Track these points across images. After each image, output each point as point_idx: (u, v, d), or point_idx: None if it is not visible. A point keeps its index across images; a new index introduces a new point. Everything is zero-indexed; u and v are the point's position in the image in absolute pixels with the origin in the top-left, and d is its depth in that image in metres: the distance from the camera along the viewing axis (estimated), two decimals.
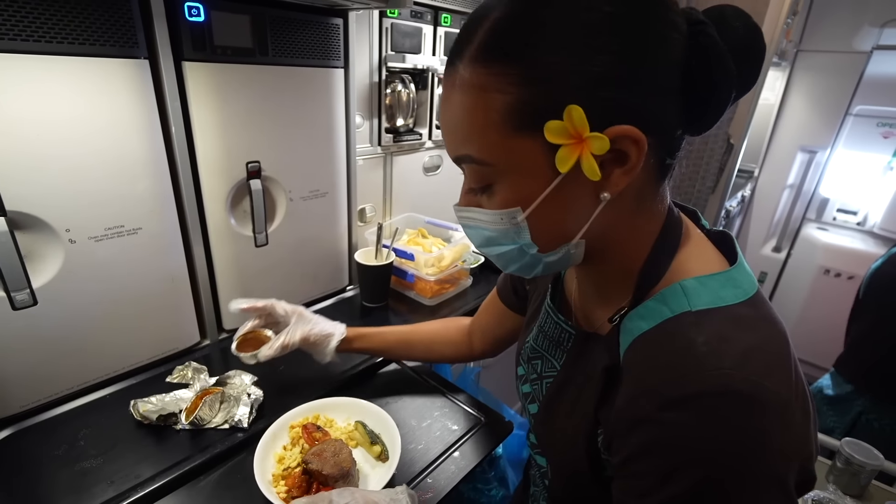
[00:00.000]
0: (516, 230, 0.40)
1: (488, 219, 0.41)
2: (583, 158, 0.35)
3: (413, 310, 1.20)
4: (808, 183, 2.84)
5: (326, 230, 1.15)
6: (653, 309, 0.41)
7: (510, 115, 0.36)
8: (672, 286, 0.40)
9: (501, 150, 0.38)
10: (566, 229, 0.40)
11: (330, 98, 1.04)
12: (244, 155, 0.93)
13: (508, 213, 0.40)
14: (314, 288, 1.18)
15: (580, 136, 0.35)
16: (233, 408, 0.80)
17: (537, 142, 0.36)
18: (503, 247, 0.43)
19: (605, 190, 0.38)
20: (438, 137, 1.47)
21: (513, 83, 0.35)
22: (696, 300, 0.39)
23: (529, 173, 0.38)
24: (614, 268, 0.45)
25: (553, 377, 0.53)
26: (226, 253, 0.97)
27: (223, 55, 0.84)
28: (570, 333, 0.52)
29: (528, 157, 0.37)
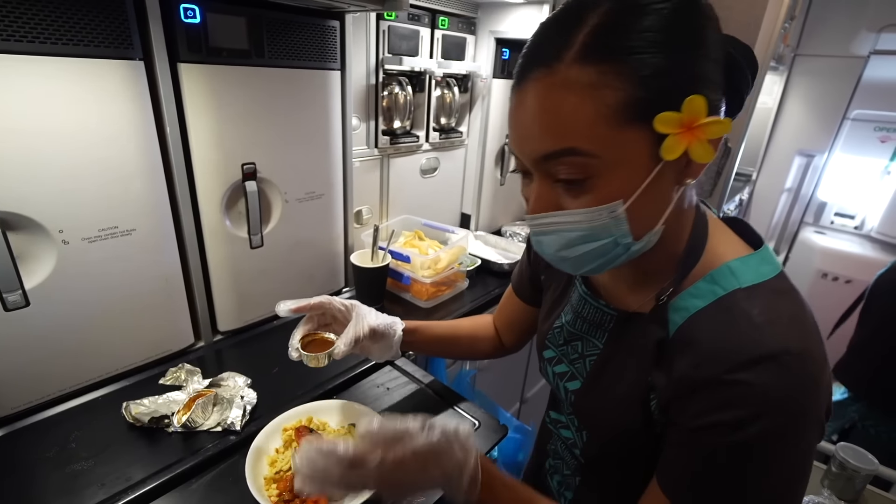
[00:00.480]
0: (615, 223, 0.43)
1: (584, 217, 0.43)
2: (695, 144, 0.40)
3: (409, 312, 1.20)
4: (806, 187, 2.85)
5: (322, 232, 1.15)
6: (705, 289, 0.46)
7: (621, 109, 0.39)
8: (720, 268, 0.46)
9: (608, 142, 0.40)
10: (655, 217, 0.44)
11: (326, 100, 1.04)
12: (239, 156, 0.92)
13: (609, 207, 0.42)
14: (310, 290, 1.17)
15: (690, 124, 0.39)
16: (226, 410, 0.80)
17: (644, 133, 0.40)
18: (594, 243, 0.44)
19: (689, 176, 0.43)
20: (436, 140, 1.47)
21: (625, 80, 0.38)
22: (743, 278, 0.45)
23: (632, 164, 0.41)
24: (661, 252, 0.48)
25: (597, 354, 0.57)
26: (221, 254, 0.96)
27: (219, 57, 0.84)
28: (612, 315, 0.56)
29: (634, 147, 0.40)
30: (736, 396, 0.40)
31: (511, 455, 1.26)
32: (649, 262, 0.49)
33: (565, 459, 0.68)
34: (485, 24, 1.46)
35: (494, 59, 1.48)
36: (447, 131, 1.52)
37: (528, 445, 1.20)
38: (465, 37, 1.44)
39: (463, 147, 1.61)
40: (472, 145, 1.61)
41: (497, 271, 1.45)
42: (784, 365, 0.39)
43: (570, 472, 0.67)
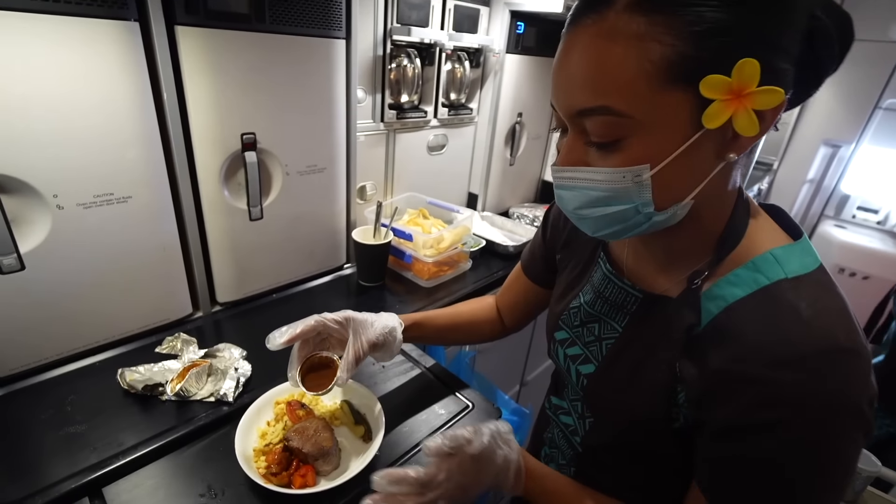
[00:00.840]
0: (638, 188, 0.40)
1: (606, 177, 0.41)
2: (741, 114, 0.36)
3: (409, 291, 1.19)
4: (829, 178, 2.75)
5: (324, 206, 1.13)
6: (745, 277, 0.43)
7: (665, 67, 0.36)
8: (764, 255, 0.43)
9: (646, 103, 0.37)
10: (684, 189, 0.40)
11: (330, 70, 1.01)
12: (239, 126, 0.90)
13: (633, 170, 0.39)
14: (310, 265, 1.17)
15: (739, 91, 0.35)
16: (219, 381, 0.80)
17: (687, 96, 0.36)
18: (614, 207, 0.42)
19: (733, 150, 0.39)
20: (444, 116, 1.43)
21: (675, 35, 0.35)
22: (788, 267, 0.42)
23: (668, 128, 0.38)
24: (697, 231, 0.46)
25: (615, 338, 0.54)
26: (219, 225, 0.95)
27: (218, 20, 0.81)
28: (637, 297, 0.53)
29: (673, 111, 0.37)
30: (785, 394, 0.38)
31: None
32: (681, 240, 0.47)
33: (562, 448, 0.67)
34: None
35: (508, 32, 1.43)
36: (456, 107, 1.48)
37: (525, 428, 1.19)
38: (479, 8, 1.38)
39: (472, 124, 1.57)
40: (483, 123, 1.57)
41: (502, 253, 1.43)
42: (835, 363, 0.38)
43: (566, 461, 0.66)
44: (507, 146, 1.66)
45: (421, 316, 0.80)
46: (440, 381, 0.90)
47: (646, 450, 0.52)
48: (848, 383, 0.38)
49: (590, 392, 0.57)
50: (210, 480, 0.67)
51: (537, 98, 1.67)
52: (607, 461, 0.59)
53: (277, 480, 0.65)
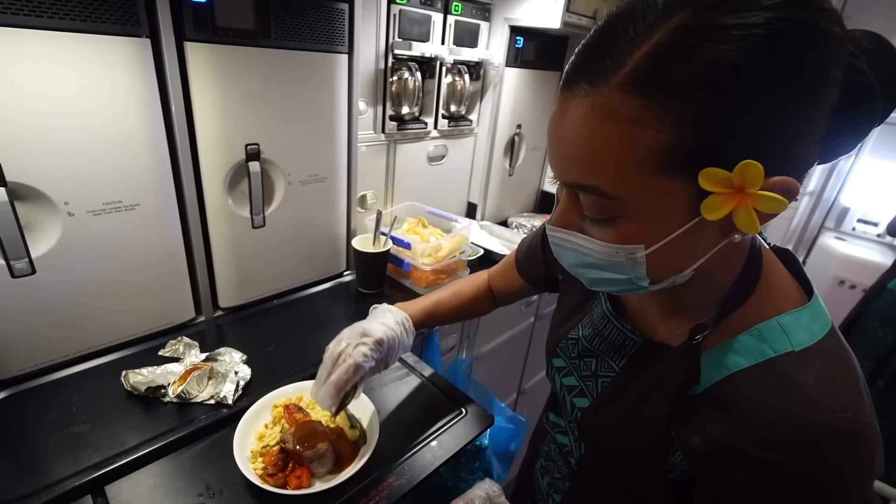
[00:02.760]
0: (632, 264, 0.39)
1: (600, 249, 0.39)
2: (741, 211, 0.34)
3: (407, 298, 1.20)
4: (829, 191, 2.76)
5: (325, 215, 1.16)
6: (750, 346, 0.41)
7: (661, 155, 0.33)
8: (769, 323, 0.41)
9: (638, 189, 0.35)
10: (683, 264, 0.39)
11: (332, 83, 1.04)
12: (243, 137, 0.94)
13: (627, 248, 0.38)
14: (311, 271, 1.19)
15: (741, 188, 0.33)
16: (220, 384, 0.82)
17: (683, 184, 0.34)
18: (606, 274, 0.41)
19: (738, 232, 0.36)
20: (444, 127, 1.46)
21: (673, 123, 0.32)
22: (796, 338, 0.40)
23: (664, 213, 0.36)
24: (704, 287, 0.44)
25: (611, 378, 0.54)
26: (223, 233, 0.98)
27: (225, 37, 0.85)
28: (636, 342, 0.52)
29: (668, 198, 0.35)
30: (787, 477, 0.37)
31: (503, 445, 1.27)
32: (687, 294, 0.45)
33: (557, 463, 0.67)
34: (500, 10, 1.44)
35: (508, 47, 1.46)
36: (456, 119, 1.51)
37: (520, 436, 1.21)
38: (479, 23, 1.42)
39: (472, 135, 1.60)
40: (482, 134, 1.60)
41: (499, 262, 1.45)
42: (842, 449, 0.36)
43: (561, 476, 0.66)
44: (507, 157, 1.69)
45: (430, 306, 0.81)
46: (435, 388, 0.92)
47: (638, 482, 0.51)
48: (853, 468, 0.36)
49: (583, 426, 0.57)
50: (208, 480, 0.69)
51: (536, 110, 1.70)
52: (601, 484, 0.59)
53: (274, 481, 0.67)
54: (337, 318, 1.10)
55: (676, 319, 0.48)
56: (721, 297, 0.44)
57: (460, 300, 0.86)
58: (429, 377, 0.94)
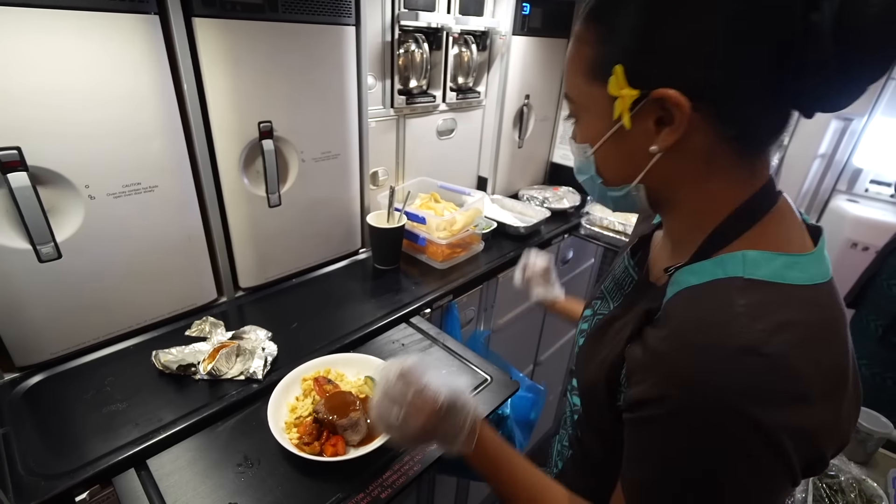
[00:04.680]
0: (588, 163, 0.49)
1: (574, 150, 0.51)
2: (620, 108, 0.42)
3: (424, 273, 1.22)
4: (841, 153, 2.71)
5: (339, 192, 1.16)
6: (707, 268, 0.43)
7: (590, 65, 0.44)
8: (734, 253, 0.42)
9: (582, 93, 0.46)
10: (625, 171, 0.46)
11: (341, 57, 1.03)
12: (256, 114, 0.93)
13: (582, 147, 0.49)
14: (327, 249, 1.20)
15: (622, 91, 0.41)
16: (248, 360, 0.84)
17: (605, 91, 0.43)
18: (583, 175, 0.51)
19: (655, 144, 0.42)
20: (452, 100, 1.44)
21: (596, 40, 0.43)
22: (754, 270, 0.40)
23: (598, 116, 0.45)
24: (683, 223, 0.48)
25: (604, 315, 0.58)
26: (240, 213, 0.98)
27: (233, 11, 0.83)
28: (633, 279, 0.57)
29: (598, 102, 0.44)
30: (668, 372, 0.38)
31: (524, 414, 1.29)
32: (676, 230, 0.50)
33: (566, 428, 0.68)
34: None
35: (514, 14, 1.43)
36: (464, 91, 1.49)
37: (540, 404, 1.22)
38: None
39: (480, 108, 1.58)
40: (490, 106, 1.58)
41: (513, 234, 1.45)
42: (736, 360, 0.35)
43: (567, 443, 0.67)
44: (516, 128, 1.67)
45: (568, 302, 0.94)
46: (458, 357, 0.93)
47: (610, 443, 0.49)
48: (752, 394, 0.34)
49: (576, 366, 0.60)
50: (245, 452, 0.71)
51: (544, 79, 1.67)
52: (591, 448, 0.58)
53: (310, 450, 0.68)
54: (355, 295, 1.11)
55: (673, 260, 0.50)
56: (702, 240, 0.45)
57: None
58: (452, 348, 0.95)
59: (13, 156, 0.68)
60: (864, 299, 1.62)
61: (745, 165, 0.43)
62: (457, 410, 0.53)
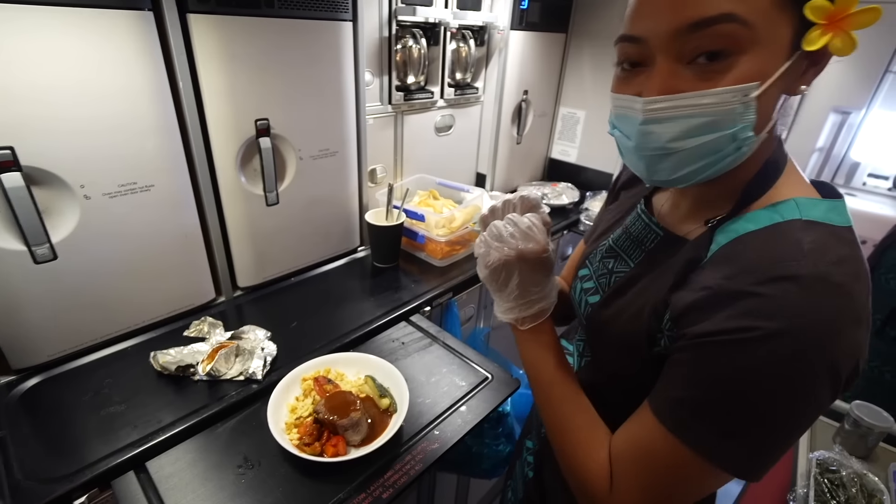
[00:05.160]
0: (744, 109, 0.40)
1: (714, 100, 0.40)
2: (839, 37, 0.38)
3: (424, 270, 1.21)
4: (839, 146, 2.71)
5: (337, 190, 1.15)
6: (763, 216, 0.44)
7: None
8: (787, 201, 0.44)
9: (765, 17, 0.39)
10: (769, 117, 0.42)
11: (338, 53, 1.02)
12: (253, 112, 0.92)
13: (743, 88, 0.40)
14: (326, 248, 1.19)
15: (837, 17, 0.37)
16: (247, 361, 0.83)
17: (794, 18, 0.39)
18: (710, 135, 0.42)
19: (804, 82, 0.41)
20: (450, 96, 1.43)
21: None
22: (808, 213, 0.43)
23: (776, 47, 0.40)
24: (729, 178, 0.46)
25: (625, 272, 0.56)
26: (238, 211, 0.98)
27: (228, 6, 0.82)
28: (658, 235, 0.55)
29: (782, 30, 0.39)
30: (752, 307, 0.39)
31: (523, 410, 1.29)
32: (715, 187, 0.47)
33: None
34: None
35: (513, 9, 1.42)
36: (462, 87, 1.48)
37: None
38: None
39: (479, 104, 1.57)
40: (489, 102, 1.57)
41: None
42: (814, 292, 0.38)
43: None
44: (514, 125, 1.66)
45: None
46: (459, 355, 0.92)
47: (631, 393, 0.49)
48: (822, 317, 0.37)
49: (591, 320, 0.59)
50: (246, 453, 0.70)
51: (542, 75, 1.66)
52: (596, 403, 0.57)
53: (310, 450, 0.68)
54: (354, 293, 1.10)
55: (699, 217, 0.50)
56: (741, 189, 0.46)
57: None
58: (452, 346, 0.95)
59: (6, 156, 0.67)
60: None
61: None
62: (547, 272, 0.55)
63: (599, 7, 1.62)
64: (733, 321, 0.39)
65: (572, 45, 1.72)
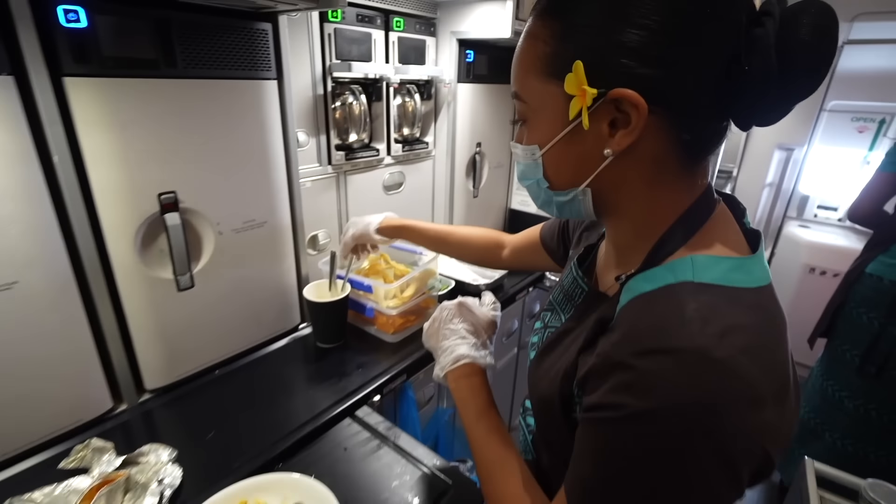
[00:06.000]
0: (535, 165, 0.47)
1: (520, 153, 0.48)
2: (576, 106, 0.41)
3: (374, 347, 1.06)
4: (787, 181, 2.80)
5: (268, 265, 1.01)
6: (659, 274, 0.42)
7: (545, 62, 0.42)
8: (683, 258, 0.42)
9: (535, 92, 0.44)
10: (574, 175, 0.45)
11: (261, 114, 0.91)
12: (156, 184, 0.78)
13: (530, 148, 0.46)
14: (258, 331, 1.03)
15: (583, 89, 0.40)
16: (139, 499, 0.65)
17: (560, 91, 0.41)
18: (528, 180, 0.49)
19: (609, 147, 0.42)
20: (398, 152, 1.34)
21: (552, 36, 0.41)
22: (703, 274, 0.40)
23: (551, 116, 0.43)
24: (629, 231, 0.48)
25: (555, 328, 0.56)
26: (140, 301, 0.82)
27: (116, 68, 0.70)
28: (583, 290, 0.55)
29: (552, 102, 0.43)
30: (626, 381, 0.37)
31: None
32: (621, 238, 0.50)
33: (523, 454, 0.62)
34: (445, 24, 1.35)
35: (458, 61, 1.37)
36: (411, 142, 1.39)
37: None
38: (425, 39, 1.32)
39: (430, 159, 1.48)
40: (440, 156, 1.49)
41: (473, 293, 1.32)
42: (690, 368, 0.35)
43: None
44: (469, 178, 1.58)
45: (411, 224, 1.01)
46: (412, 461, 0.77)
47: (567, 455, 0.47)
48: (705, 390, 0.34)
49: (529, 382, 0.58)
50: None
51: (495, 126, 1.61)
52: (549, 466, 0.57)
53: None
54: (291, 385, 0.94)
55: (620, 268, 0.49)
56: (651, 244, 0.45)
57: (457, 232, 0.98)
58: (405, 447, 0.79)
59: None
60: (836, 329, 1.59)
61: (690, 172, 0.44)
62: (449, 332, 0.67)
63: None
64: (609, 395, 0.38)
65: None
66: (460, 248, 0.98)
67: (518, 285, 1.42)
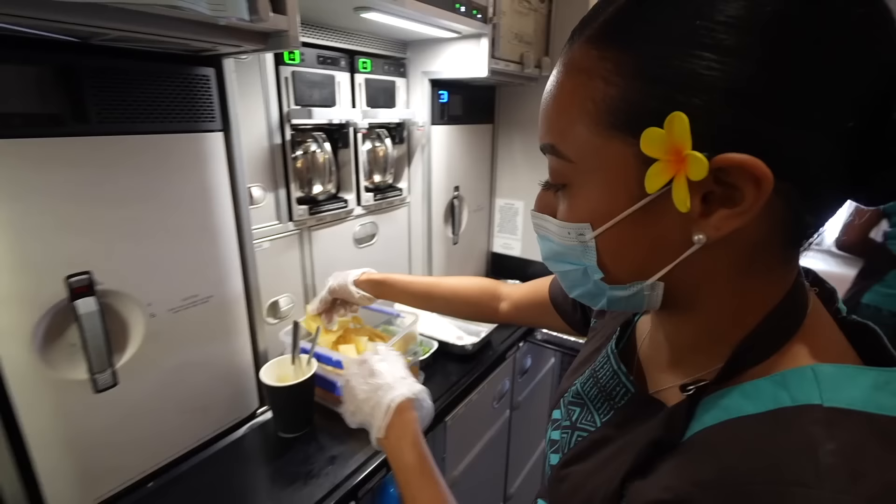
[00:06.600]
0: (583, 249, 0.35)
1: (555, 230, 0.37)
2: (675, 181, 0.29)
3: (348, 434, 0.89)
4: None
5: (216, 344, 0.85)
6: (765, 390, 0.31)
7: (607, 109, 0.31)
8: (802, 368, 0.31)
9: (586, 148, 0.33)
10: (643, 265, 0.34)
11: (204, 172, 0.77)
12: (62, 265, 0.63)
13: (576, 227, 0.35)
14: (205, 425, 0.86)
15: (680, 153, 0.28)
16: None
17: (630, 150, 0.30)
18: (567, 265, 0.38)
19: (702, 231, 0.30)
20: (369, 201, 1.22)
21: (622, 74, 0.30)
22: (833, 394, 0.29)
23: (612, 185, 0.32)
24: (701, 329, 0.37)
25: (589, 432, 0.45)
26: (42, 411, 0.64)
27: (8, 127, 0.56)
28: (628, 390, 0.43)
29: (616, 164, 0.32)
30: None
31: None
32: (685, 334, 0.39)
33: None
34: (416, 64, 1.26)
35: (431, 103, 1.28)
36: (383, 190, 1.27)
37: None
38: (394, 80, 1.22)
39: (404, 206, 1.37)
40: (416, 202, 1.37)
41: (459, 354, 1.18)
42: None
43: None
44: (448, 224, 1.47)
45: (393, 278, 0.89)
46: None
47: None
48: None
49: (549, 484, 0.48)
50: None
51: (473, 168, 1.52)
52: None
53: None
54: (251, 489, 0.77)
55: (680, 369, 0.39)
56: (729, 347, 0.34)
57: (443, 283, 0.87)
58: None
59: None
60: None
61: (787, 257, 0.33)
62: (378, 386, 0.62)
63: (522, 96, 1.53)
64: None
65: (501, 135, 1.61)
66: (449, 302, 0.86)
67: (507, 341, 1.28)
